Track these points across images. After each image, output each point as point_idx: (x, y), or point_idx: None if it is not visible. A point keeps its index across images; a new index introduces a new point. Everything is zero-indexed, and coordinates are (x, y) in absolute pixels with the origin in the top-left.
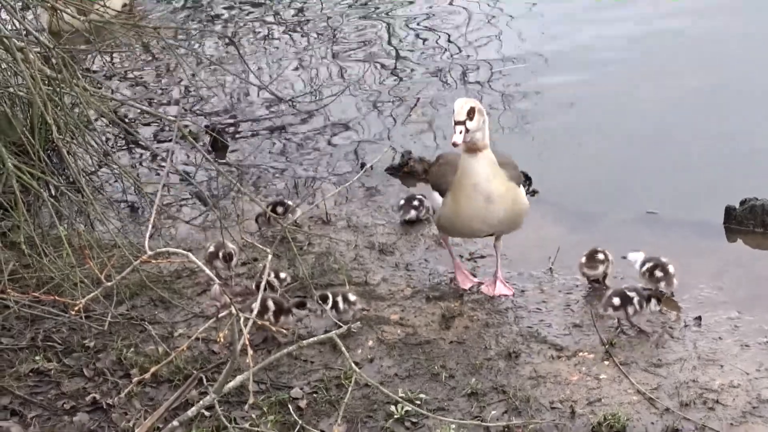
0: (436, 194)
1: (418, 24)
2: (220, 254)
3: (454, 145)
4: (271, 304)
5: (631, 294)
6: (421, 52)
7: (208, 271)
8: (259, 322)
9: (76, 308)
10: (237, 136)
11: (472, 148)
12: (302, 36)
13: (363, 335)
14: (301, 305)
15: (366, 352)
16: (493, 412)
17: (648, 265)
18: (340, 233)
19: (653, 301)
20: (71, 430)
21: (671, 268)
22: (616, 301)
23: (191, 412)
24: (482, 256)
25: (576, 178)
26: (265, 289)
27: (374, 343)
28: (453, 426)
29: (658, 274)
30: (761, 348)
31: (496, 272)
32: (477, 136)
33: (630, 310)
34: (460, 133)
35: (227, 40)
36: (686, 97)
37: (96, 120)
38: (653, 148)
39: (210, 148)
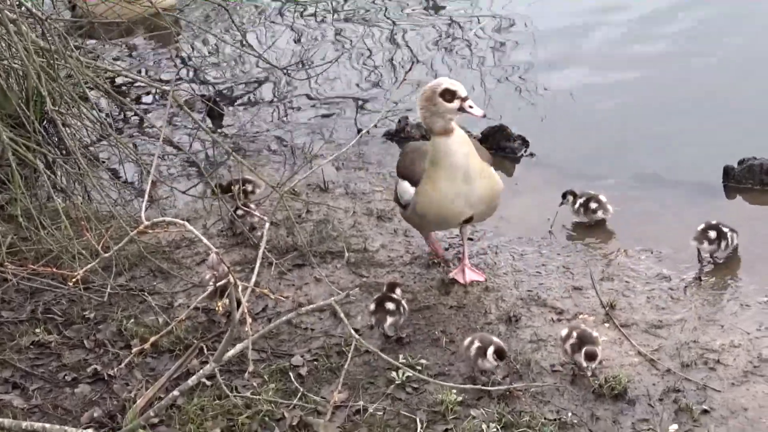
0: (406, 184)
1: None
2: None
3: (484, 116)
4: None
5: (725, 229)
6: (419, 20)
7: (205, 240)
8: (258, 290)
9: (75, 279)
10: (233, 104)
11: (445, 131)
12: (298, 4)
13: (363, 302)
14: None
15: (366, 318)
16: (493, 376)
17: (581, 200)
18: (338, 200)
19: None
20: (73, 402)
21: (603, 198)
22: (713, 234)
23: (192, 381)
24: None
25: (574, 140)
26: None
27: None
28: (454, 391)
29: (593, 205)
30: (761, 307)
31: (463, 260)
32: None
33: (723, 244)
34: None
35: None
36: (684, 58)
37: (91, 91)
38: (651, 110)
39: (206, 117)
